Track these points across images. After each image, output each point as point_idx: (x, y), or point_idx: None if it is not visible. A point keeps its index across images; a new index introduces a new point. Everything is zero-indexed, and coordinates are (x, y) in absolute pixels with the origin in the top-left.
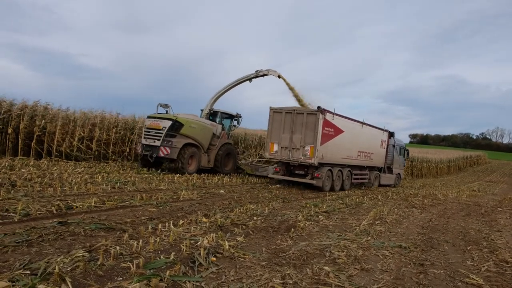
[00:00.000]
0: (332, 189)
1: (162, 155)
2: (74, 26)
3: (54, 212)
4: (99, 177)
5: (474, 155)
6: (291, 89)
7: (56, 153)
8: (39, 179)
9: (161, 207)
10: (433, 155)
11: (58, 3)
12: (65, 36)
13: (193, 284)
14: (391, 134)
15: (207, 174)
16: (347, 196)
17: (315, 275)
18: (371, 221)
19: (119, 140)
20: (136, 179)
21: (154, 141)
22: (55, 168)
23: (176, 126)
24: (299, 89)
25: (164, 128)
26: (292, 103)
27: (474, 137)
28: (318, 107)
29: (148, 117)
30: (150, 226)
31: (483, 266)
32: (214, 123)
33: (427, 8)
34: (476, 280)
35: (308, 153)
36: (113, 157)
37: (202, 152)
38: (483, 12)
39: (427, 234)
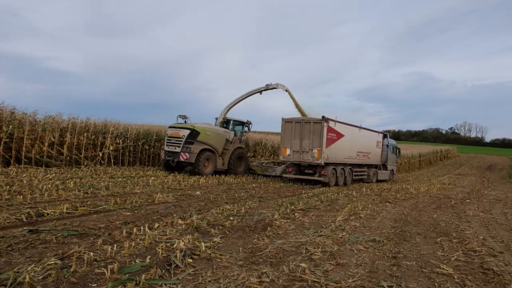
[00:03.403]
0: (336, 184)
1: (182, 159)
2: (43, 29)
3: (24, 220)
4: (71, 182)
5: (444, 149)
6: (295, 101)
7: (25, 160)
8: (8, 187)
9: (136, 211)
10: (405, 150)
11: (24, 6)
12: (32, 40)
13: (170, 286)
14: (385, 135)
15: (182, 176)
16: (322, 193)
17: (291, 272)
18: (346, 216)
19: (91, 144)
20: (110, 183)
21: (175, 148)
22: (24, 175)
23: (194, 134)
24: (301, 102)
25: (183, 136)
26: (278, 108)
27: (444, 132)
28: (323, 117)
29: (169, 127)
30: (124, 231)
31: (453, 256)
32: (227, 130)
33: (398, 7)
34: (446, 270)
35: (316, 155)
36: (86, 162)
37: (217, 156)
38: (449, 11)
39: (400, 227)
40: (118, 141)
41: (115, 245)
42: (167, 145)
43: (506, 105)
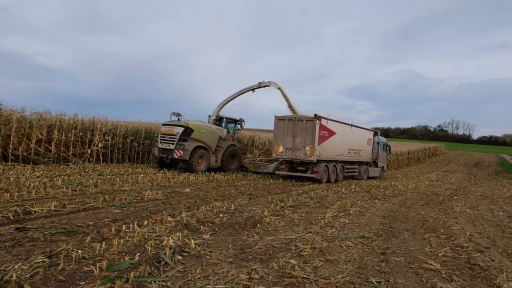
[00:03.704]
0: (328, 181)
1: (176, 156)
2: (33, 25)
3: (11, 218)
4: (59, 180)
5: (432, 146)
6: (286, 99)
7: (12, 157)
8: None
9: (125, 208)
10: (394, 147)
11: (15, 3)
12: (22, 36)
13: (159, 284)
14: (375, 133)
15: (172, 173)
16: (312, 190)
17: (281, 269)
18: (335, 213)
19: (79, 141)
20: (99, 180)
21: (169, 145)
22: (11, 172)
23: (188, 131)
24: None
25: (177, 134)
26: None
27: (432, 129)
28: (315, 115)
29: (163, 124)
30: (113, 228)
31: (440, 252)
32: (220, 127)
33: (388, 6)
34: (434, 265)
35: (308, 152)
36: (74, 159)
37: (211, 153)
38: (439, 9)
39: (389, 224)
40: (107, 138)
41: (103, 243)
42: (161, 142)
43: (493, 103)
